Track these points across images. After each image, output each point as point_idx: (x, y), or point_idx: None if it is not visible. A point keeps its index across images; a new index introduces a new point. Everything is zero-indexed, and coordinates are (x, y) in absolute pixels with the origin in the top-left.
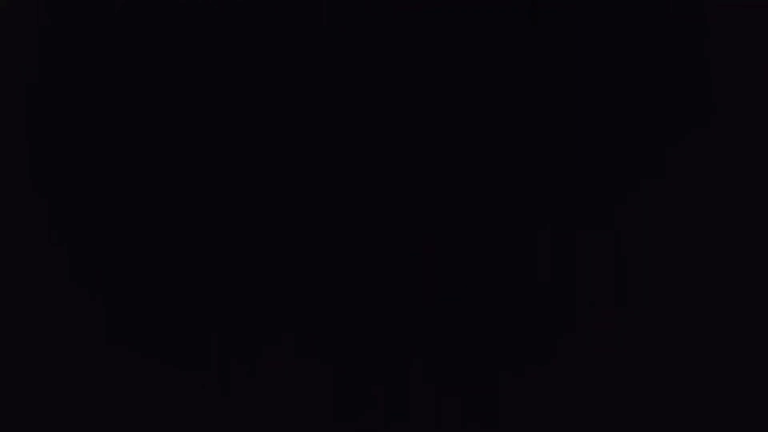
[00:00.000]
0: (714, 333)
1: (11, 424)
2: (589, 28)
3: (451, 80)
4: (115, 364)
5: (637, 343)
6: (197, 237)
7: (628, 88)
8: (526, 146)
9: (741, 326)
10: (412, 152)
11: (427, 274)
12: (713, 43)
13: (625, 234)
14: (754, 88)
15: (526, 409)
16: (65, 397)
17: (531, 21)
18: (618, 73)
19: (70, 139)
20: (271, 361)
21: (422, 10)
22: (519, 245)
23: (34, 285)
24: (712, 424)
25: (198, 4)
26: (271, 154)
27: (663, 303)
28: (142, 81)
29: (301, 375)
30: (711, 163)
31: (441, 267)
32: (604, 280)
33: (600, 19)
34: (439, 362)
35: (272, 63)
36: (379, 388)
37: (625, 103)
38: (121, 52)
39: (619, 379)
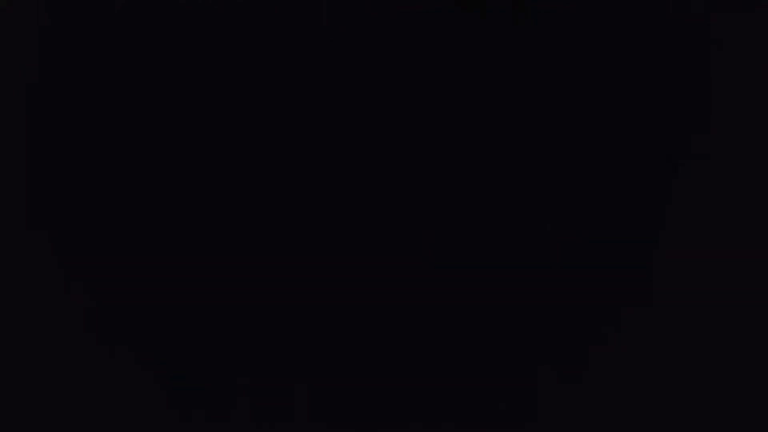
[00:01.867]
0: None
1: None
2: (586, 28)
3: (451, 80)
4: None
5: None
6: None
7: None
8: (525, 146)
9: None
10: (411, 153)
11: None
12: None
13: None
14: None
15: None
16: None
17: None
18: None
19: (70, 139)
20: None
21: (422, 10)
22: (520, 246)
23: (33, 290)
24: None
25: (198, 4)
26: (272, 155)
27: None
28: (142, 81)
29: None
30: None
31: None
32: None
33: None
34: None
35: (272, 63)
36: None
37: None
38: (121, 52)
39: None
